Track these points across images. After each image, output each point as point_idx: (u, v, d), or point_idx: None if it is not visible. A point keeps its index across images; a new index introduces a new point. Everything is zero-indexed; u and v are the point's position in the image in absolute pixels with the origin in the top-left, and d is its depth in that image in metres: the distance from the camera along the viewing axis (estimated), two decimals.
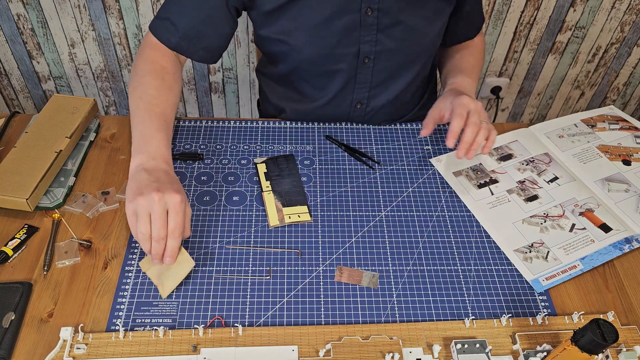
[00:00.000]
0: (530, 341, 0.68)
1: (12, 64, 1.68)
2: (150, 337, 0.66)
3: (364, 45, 0.89)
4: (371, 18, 0.85)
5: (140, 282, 0.73)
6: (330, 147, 0.94)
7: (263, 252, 0.77)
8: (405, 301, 0.73)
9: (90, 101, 0.92)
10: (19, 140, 0.85)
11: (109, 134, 0.94)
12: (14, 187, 0.78)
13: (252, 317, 0.70)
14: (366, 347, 0.67)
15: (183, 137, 0.94)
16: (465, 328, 0.69)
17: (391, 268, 0.76)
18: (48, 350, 0.65)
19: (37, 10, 1.53)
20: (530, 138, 0.96)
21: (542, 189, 0.87)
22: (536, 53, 1.71)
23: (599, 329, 0.56)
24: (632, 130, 0.97)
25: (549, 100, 1.88)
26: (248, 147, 0.93)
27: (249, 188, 0.86)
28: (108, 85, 1.75)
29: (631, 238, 0.80)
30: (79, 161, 0.87)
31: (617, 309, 0.73)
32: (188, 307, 0.71)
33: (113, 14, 1.55)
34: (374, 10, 0.84)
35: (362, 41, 0.88)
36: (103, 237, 0.78)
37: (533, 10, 1.58)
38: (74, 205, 0.81)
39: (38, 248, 0.76)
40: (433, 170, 0.91)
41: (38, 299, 0.70)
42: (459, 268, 0.77)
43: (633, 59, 1.74)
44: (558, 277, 0.75)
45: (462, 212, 0.84)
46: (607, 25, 1.64)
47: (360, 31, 0.87)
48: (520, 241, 0.80)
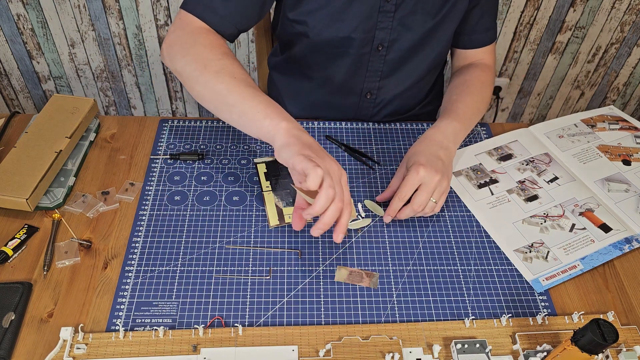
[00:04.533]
0: (530, 341, 0.68)
1: (12, 64, 1.68)
2: (150, 337, 0.66)
3: (380, 32, 0.89)
4: (390, 5, 0.86)
5: (140, 282, 0.73)
6: (330, 147, 0.94)
7: (263, 252, 0.77)
8: (405, 301, 0.73)
9: (90, 101, 0.92)
10: (19, 140, 0.85)
11: (109, 134, 0.94)
12: (14, 187, 0.78)
13: (252, 317, 0.70)
14: (366, 347, 0.67)
15: (183, 137, 0.94)
16: (465, 328, 0.69)
17: (391, 268, 0.76)
18: (48, 350, 0.65)
19: (37, 10, 1.53)
20: (530, 138, 0.96)
21: (542, 189, 0.87)
22: (536, 53, 1.71)
23: (599, 329, 0.56)
24: (632, 130, 0.97)
25: (549, 100, 1.88)
26: (248, 147, 0.93)
27: (249, 188, 0.86)
28: (108, 85, 1.75)
29: (631, 238, 0.80)
30: (79, 161, 0.87)
31: (617, 309, 0.73)
32: (188, 307, 0.71)
33: (113, 14, 1.55)
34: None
35: (379, 27, 0.89)
36: (103, 237, 0.78)
37: (533, 10, 1.59)
38: (74, 205, 0.81)
39: (38, 248, 0.76)
40: None
41: (38, 299, 0.70)
42: (459, 268, 0.77)
43: (633, 59, 1.74)
44: (558, 277, 0.75)
45: (462, 212, 0.84)
46: (607, 25, 1.64)
47: (378, 17, 0.87)
48: (520, 241, 0.80)
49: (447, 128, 0.86)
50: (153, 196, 0.84)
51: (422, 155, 0.81)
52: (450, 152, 0.84)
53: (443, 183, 0.79)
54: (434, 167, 0.78)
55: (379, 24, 0.89)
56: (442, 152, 0.82)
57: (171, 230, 0.79)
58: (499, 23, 1.61)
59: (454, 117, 0.88)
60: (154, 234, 0.79)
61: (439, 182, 0.78)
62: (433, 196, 0.78)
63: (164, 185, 0.85)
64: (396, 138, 0.96)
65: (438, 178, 0.78)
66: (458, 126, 0.87)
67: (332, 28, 0.89)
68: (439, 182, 0.78)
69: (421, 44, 0.93)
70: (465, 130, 0.89)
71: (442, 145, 0.84)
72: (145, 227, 0.79)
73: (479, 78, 0.97)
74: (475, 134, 0.98)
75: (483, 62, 1.01)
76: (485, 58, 1.02)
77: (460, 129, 0.87)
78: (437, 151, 0.82)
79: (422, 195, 0.77)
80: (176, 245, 0.77)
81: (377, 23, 0.88)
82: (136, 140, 0.93)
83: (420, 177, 0.77)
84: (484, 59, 1.02)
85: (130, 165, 0.88)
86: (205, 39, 0.80)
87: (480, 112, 0.94)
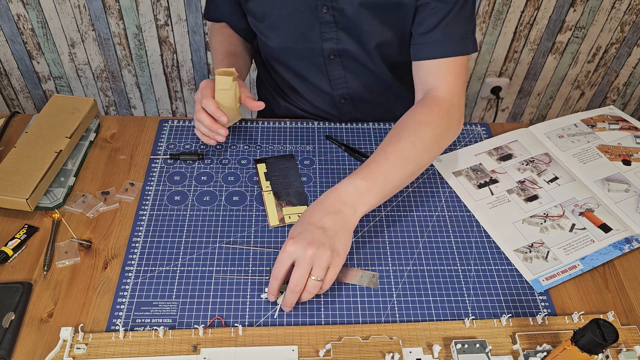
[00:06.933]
0: (530, 341, 0.68)
1: (12, 64, 1.68)
2: (150, 337, 0.66)
3: (326, 43, 0.88)
4: (327, 16, 0.85)
5: (140, 282, 0.73)
6: (330, 147, 0.94)
7: (263, 252, 0.77)
8: (405, 301, 0.73)
9: (90, 101, 0.92)
10: (19, 140, 0.85)
11: (109, 134, 0.94)
12: (14, 187, 0.78)
13: (252, 317, 0.70)
14: (366, 347, 0.67)
15: (183, 137, 0.94)
16: (465, 328, 0.69)
17: (391, 268, 0.76)
18: (48, 350, 0.65)
19: (37, 10, 1.53)
20: (530, 138, 0.96)
21: (542, 189, 0.87)
22: (536, 53, 1.71)
23: (599, 329, 0.56)
24: (632, 130, 0.97)
25: (549, 100, 1.88)
26: (248, 147, 0.93)
27: (249, 188, 0.86)
28: (108, 85, 1.75)
29: (631, 238, 0.80)
30: (79, 161, 0.87)
31: (617, 309, 0.73)
32: (188, 307, 0.71)
33: (113, 14, 1.55)
34: (329, 9, 0.84)
35: (324, 38, 0.88)
36: (103, 237, 0.78)
37: (533, 10, 1.59)
38: (74, 205, 0.81)
39: (38, 248, 0.76)
40: (433, 170, 0.91)
41: (38, 299, 0.70)
42: (459, 268, 0.77)
43: (633, 59, 1.74)
44: (558, 277, 0.75)
45: (462, 212, 0.84)
46: (607, 26, 1.64)
47: (321, 28, 0.87)
48: (520, 241, 0.80)
49: (346, 188, 0.72)
50: (153, 196, 0.84)
51: (298, 225, 0.70)
52: (344, 217, 0.70)
53: (322, 256, 0.66)
54: (308, 240, 0.66)
55: (323, 34, 0.87)
56: (329, 219, 0.69)
57: (171, 230, 0.79)
58: (499, 23, 1.61)
59: (361, 175, 0.74)
60: (154, 234, 0.79)
61: (314, 257, 0.66)
62: (313, 274, 0.67)
63: (164, 185, 0.85)
64: None
65: (311, 252, 0.65)
66: (363, 185, 0.72)
67: (280, 38, 0.90)
68: (315, 257, 0.66)
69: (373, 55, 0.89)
70: (376, 187, 0.73)
71: (332, 210, 0.70)
72: (145, 227, 0.79)
73: (416, 118, 0.81)
74: (475, 134, 0.98)
75: (433, 94, 0.84)
76: (439, 85, 0.84)
77: (366, 188, 0.72)
78: (321, 218, 0.69)
79: (296, 273, 0.66)
80: (176, 245, 0.77)
81: (322, 34, 0.87)
82: (136, 140, 0.93)
83: (289, 253, 0.67)
84: (437, 86, 0.84)
85: (130, 165, 0.88)
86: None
87: (408, 160, 0.77)
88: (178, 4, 1.54)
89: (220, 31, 1.02)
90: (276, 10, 0.86)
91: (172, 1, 1.53)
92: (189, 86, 1.76)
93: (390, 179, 0.75)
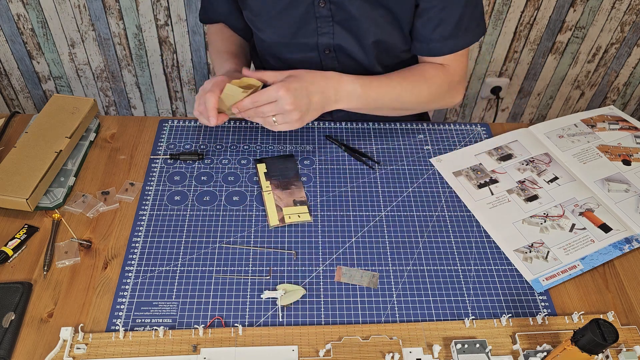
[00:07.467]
0: (530, 341, 0.68)
1: (12, 64, 1.68)
2: (150, 337, 0.66)
3: (322, 37, 0.89)
4: (324, 10, 0.85)
5: (140, 282, 0.73)
6: (330, 147, 0.94)
7: (263, 252, 0.77)
8: (405, 301, 0.73)
9: (90, 101, 0.92)
10: (19, 140, 0.85)
11: (109, 134, 0.94)
12: (14, 187, 0.78)
13: (252, 317, 0.70)
14: (366, 347, 0.67)
15: (183, 137, 0.94)
16: (465, 328, 0.69)
17: (391, 268, 0.76)
18: (48, 350, 0.65)
19: (37, 10, 1.53)
20: (530, 138, 0.96)
21: (542, 189, 0.87)
22: (536, 53, 1.71)
23: (599, 329, 0.56)
24: (632, 130, 0.97)
25: (549, 100, 1.88)
26: (248, 147, 0.93)
27: (249, 188, 0.86)
28: (108, 85, 1.75)
29: (631, 238, 0.80)
30: (79, 161, 0.87)
31: (617, 309, 0.73)
32: (188, 307, 0.71)
33: (113, 14, 1.55)
34: (327, 2, 0.84)
35: (320, 32, 0.88)
36: (103, 237, 0.78)
37: (533, 10, 1.59)
38: (74, 205, 0.81)
39: (38, 248, 0.76)
40: (433, 170, 0.91)
41: (38, 299, 0.70)
42: (459, 268, 0.77)
43: (633, 59, 1.74)
44: (558, 277, 0.75)
45: (462, 212, 0.84)
46: (607, 26, 1.64)
47: (317, 23, 0.87)
48: (520, 241, 0.80)
49: (346, 86, 0.84)
50: (153, 196, 0.84)
51: (297, 82, 0.79)
52: (328, 103, 0.82)
53: (292, 115, 0.78)
54: (296, 99, 0.77)
55: (319, 29, 0.87)
56: (319, 97, 0.81)
57: (171, 230, 0.79)
58: (499, 23, 1.61)
59: (363, 82, 0.85)
60: (154, 234, 0.79)
61: (288, 112, 0.78)
62: (276, 118, 0.78)
63: (164, 185, 0.85)
64: (396, 138, 0.96)
65: (290, 108, 0.77)
66: (359, 91, 0.84)
67: (275, 33, 0.90)
68: (289, 114, 0.78)
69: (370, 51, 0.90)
70: (365, 100, 0.85)
71: (326, 93, 0.82)
72: (145, 227, 0.79)
73: (425, 73, 0.90)
74: (475, 134, 0.98)
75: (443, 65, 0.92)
76: (448, 62, 0.92)
77: (358, 95, 0.84)
78: (315, 92, 0.81)
79: (267, 108, 0.78)
80: (176, 245, 0.77)
81: (318, 29, 0.87)
82: (136, 140, 0.93)
83: (277, 96, 0.77)
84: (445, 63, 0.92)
85: (130, 165, 0.88)
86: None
87: (402, 100, 0.88)
88: (178, 4, 1.54)
89: (219, 32, 1.02)
90: (273, 3, 0.86)
91: (172, 1, 1.53)
92: (189, 86, 1.76)
93: (379, 103, 0.87)
